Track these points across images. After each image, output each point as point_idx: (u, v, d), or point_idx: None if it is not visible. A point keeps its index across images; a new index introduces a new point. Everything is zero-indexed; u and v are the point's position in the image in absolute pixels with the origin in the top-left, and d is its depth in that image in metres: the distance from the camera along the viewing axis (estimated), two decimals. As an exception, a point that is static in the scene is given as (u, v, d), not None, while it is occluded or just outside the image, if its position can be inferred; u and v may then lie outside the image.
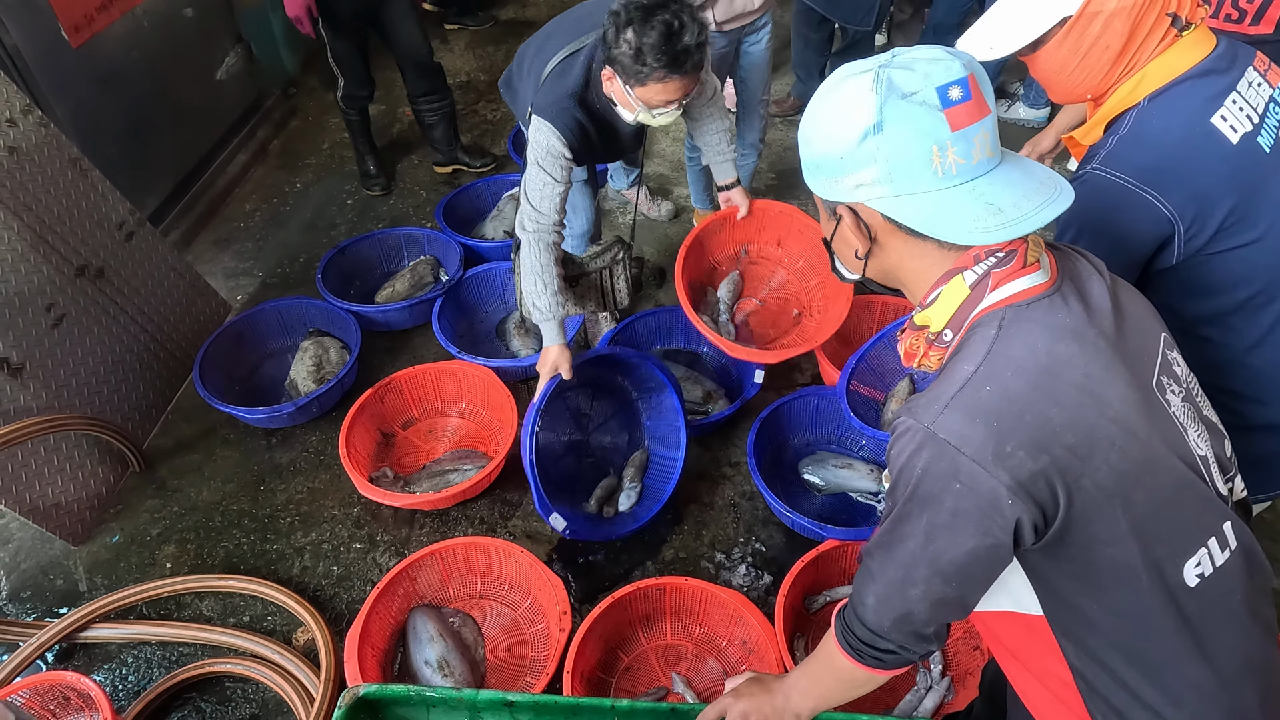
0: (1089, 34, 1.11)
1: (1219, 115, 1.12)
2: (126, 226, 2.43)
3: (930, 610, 0.90)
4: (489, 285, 2.82)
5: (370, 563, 2.12)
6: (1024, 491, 0.80)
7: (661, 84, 1.68)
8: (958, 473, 0.81)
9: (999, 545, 0.83)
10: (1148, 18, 1.10)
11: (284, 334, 2.69)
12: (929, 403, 0.85)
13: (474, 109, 3.91)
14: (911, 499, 0.85)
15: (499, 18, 4.65)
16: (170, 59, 3.02)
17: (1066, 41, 1.13)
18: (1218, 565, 0.88)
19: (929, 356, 0.92)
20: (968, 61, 0.83)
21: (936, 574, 0.86)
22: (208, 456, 2.39)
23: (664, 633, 1.96)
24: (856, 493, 2.24)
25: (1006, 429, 0.81)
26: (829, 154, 0.86)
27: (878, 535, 0.92)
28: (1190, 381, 0.97)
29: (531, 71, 2.01)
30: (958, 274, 0.87)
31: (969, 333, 0.88)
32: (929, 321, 0.91)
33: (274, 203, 3.34)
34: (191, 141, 3.22)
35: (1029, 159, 0.89)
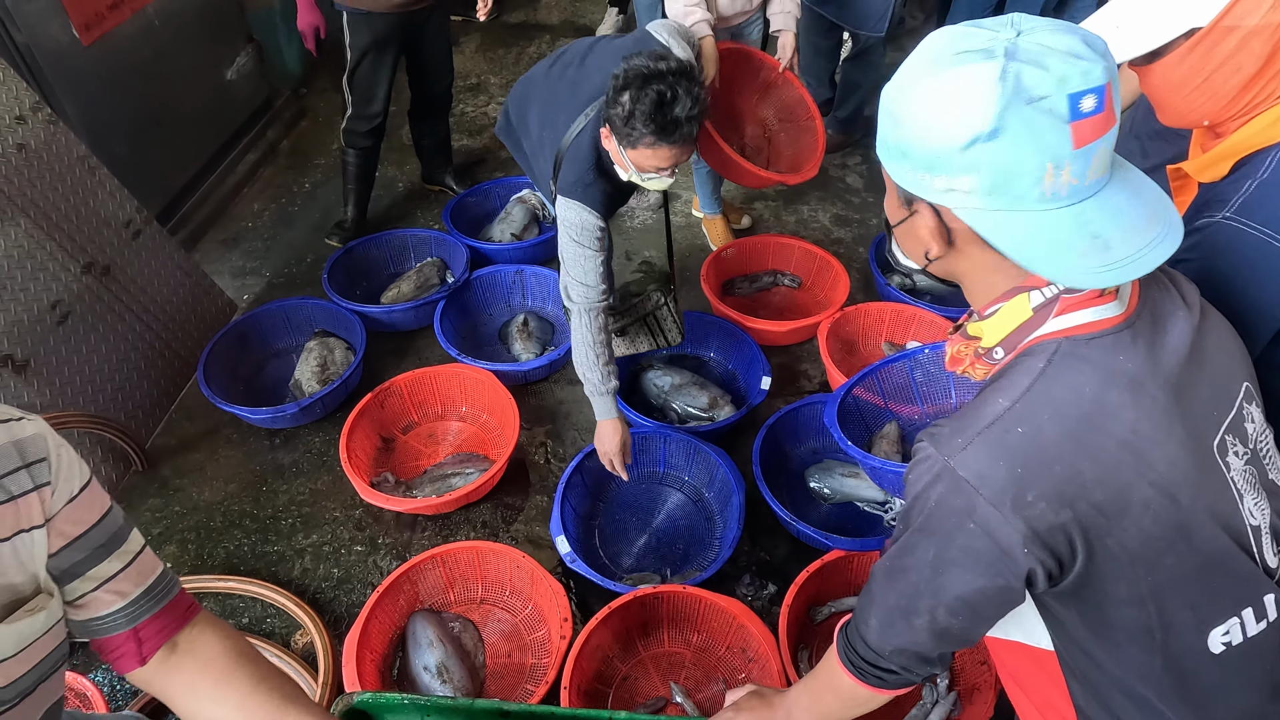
0: (1219, 51, 0.93)
1: None
2: (134, 225, 2.43)
3: (934, 640, 0.87)
4: (494, 288, 2.81)
5: (371, 566, 2.11)
6: (1040, 542, 0.75)
7: (651, 150, 1.69)
8: (973, 513, 0.76)
9: (1009, 588, 0.79)
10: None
11: (289, 334, 2.68)
12: (954, 433, 0.79)
13: (484, 111, 3.90)
14: (922, 530, 0.82)
15: (508, 20, 4.65)
16: (181, 58, 3.02)
17: (1191, 57, 0.95)
18: (1249, 635, 0.83)
19: (975, 368, 0.87)
20: (1108, 65, 0.70)
21: (941, 606, 0.83)
22: (210, 456, 2.38)
23: (661, 641, 1.94)
24: (863, 502, 2.21)
25: (1031, 476, 0.75)
26: (924, 147, 0.75)
27: (886, 558, 0.89)
28: (1262, 440, 0.89)
29: (545, 144, 1.99)
30: (1024, 292, 0.80)
31: (1017, 359, 0.81)
32: (982, 334, 0.84)
33: (282, 203, 3.35)
34: (200, 141, 3.22)
35: (1137, 170, 0.78)
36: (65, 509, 0.86)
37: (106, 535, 0.90)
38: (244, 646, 1.00)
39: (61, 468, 0.86)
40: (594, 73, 1.90)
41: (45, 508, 0.84)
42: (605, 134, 1.76)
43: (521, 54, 4.33)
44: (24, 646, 0.80)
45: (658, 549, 2.16)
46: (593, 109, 1.85)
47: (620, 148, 1.72)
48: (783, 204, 3.30)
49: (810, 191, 3.36)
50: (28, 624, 0.80)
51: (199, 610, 1.01)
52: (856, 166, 3.50)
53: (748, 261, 2.92)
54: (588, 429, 2.45)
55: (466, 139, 3.73)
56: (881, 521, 2.18)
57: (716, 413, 2.39)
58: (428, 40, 2.80)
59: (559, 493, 2.08)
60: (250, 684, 0.95)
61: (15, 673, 0.80)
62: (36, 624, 0.81)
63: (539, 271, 2.79)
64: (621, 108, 1.65)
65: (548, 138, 1.96)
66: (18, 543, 0.81)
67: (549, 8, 4.79)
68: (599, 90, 1.82)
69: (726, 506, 2.15)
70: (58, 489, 0.85)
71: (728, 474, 2.12)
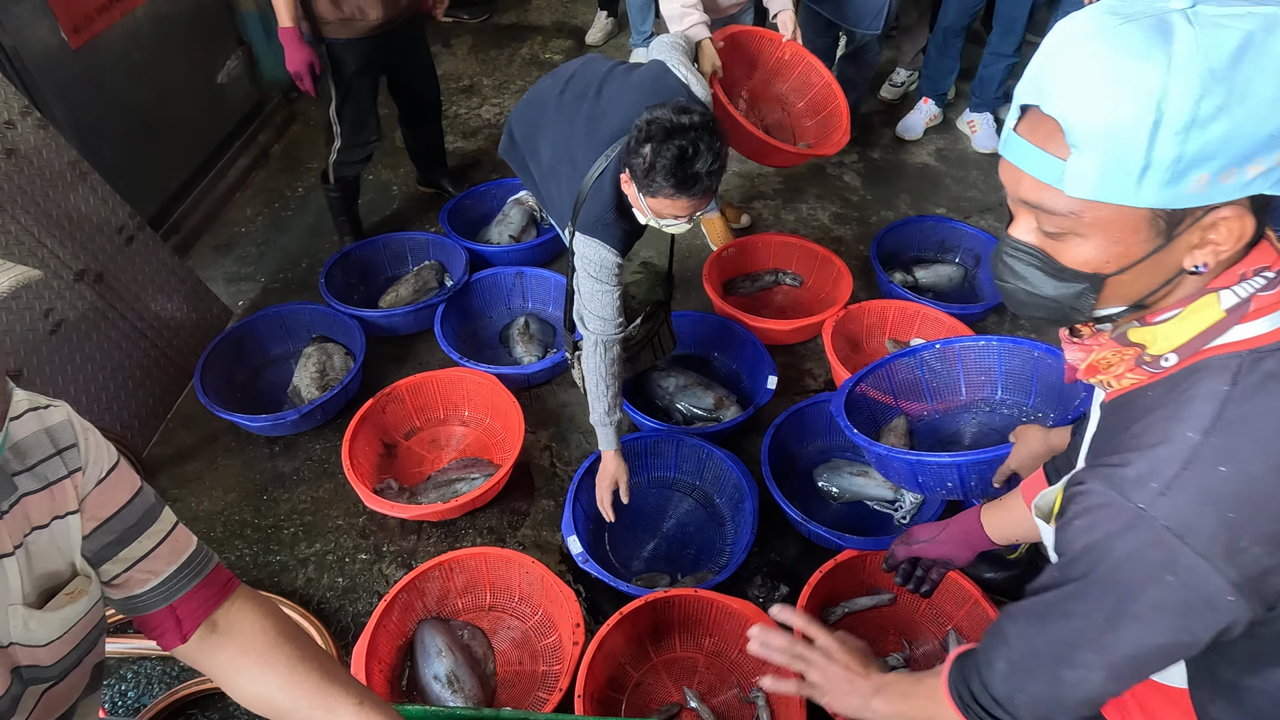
0: None
1: None
2: (126, 231, 2.39)
3: (1080, 698, 0.78)
4: (494, 290, 2.78)
5: (376, 574, 2.07)
6: (1251, 589, 0.68)
7: (670, 200, 1.68)
8: (1174, 566, 0.68)
9: (1194, 643, 0.72)
10: None
11: (286, 340, 2.64)
12: (1141, 477, 0.70)
13: (477, 113, 3.87)
14: (1099, 581, 0.73)
15: (500, 22, 4.62)
16: (171, 61, 2.98)
17: None
18: None
19: (1123, 377, 0.78)
20: None
21: (1104, 664, 0.75)
22: (209, 465, 2.34)
23: (674, 645, 1.91)
24: (873, 501, 2.20)
25: (1244, 521, 0.67)
26: (1258, 129, 0.63)
27: (1030, 603, 0.81)
28: None
29: (562, 178, 1.98)
30: (1214, 292, 0.72)
31: (1190, 373, 0.73)
32: (1149, 341, 0.76)
33: (275, 207, 3.30)
34: (192, 145, 3.18)
35: None
36: (95, 491, 0.88)
37: (137, 515, 0.91)
38: (284, 624, 1.01)
39: (90, 450, 0.88)
40: (612, 111, 1.90)
41: (78, 492, 0.86)
42: (625, 179, 1.76)
43: (514, 55, 4.30)
44: (68, 629, 0.83)
45: (668, 553, 2.13)
46: (614, 150, 1.84)
47: (640, 194, 1.72)
48: (782, 203, 3.28)
49: (808, 189, 3.35)
50: (72, 609, 0.84)
51: (237, 584, 1.01)
52: (854, 165, 3.49)
53: (749, 261, 2.90)
54: (592, 433, 2.41)
55: (461, 141, 3.69)
56: (891, 520, 2.16)
57: (722, 413, 2.36)
58: (409, 55, 2.70)
59: (570, 493, 2.05)
60: (291, 663, 0.97)
61: (61, 652, 0.84)
62: (80, 608, 0.85)
63: (539, 273, 2.76)
64: (643, 159, 1.65)
65: (564, 172, 1.96)
66: (55, 529, 0.83)
67: (540, 9, 4.76)
68: (618, 131, 1.83)
69: (738, 511, 2.13)
70: (88, 472, 0.87)
71: (740, 479, 2.10)
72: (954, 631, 1.89)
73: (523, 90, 4.00)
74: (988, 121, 3.53)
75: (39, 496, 0.82)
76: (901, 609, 1.98)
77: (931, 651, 1.90)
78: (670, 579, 2.04)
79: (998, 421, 2.14)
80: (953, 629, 1.90)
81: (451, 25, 4.49)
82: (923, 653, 1.91)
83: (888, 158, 3.53)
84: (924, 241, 2.98)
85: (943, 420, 2.30)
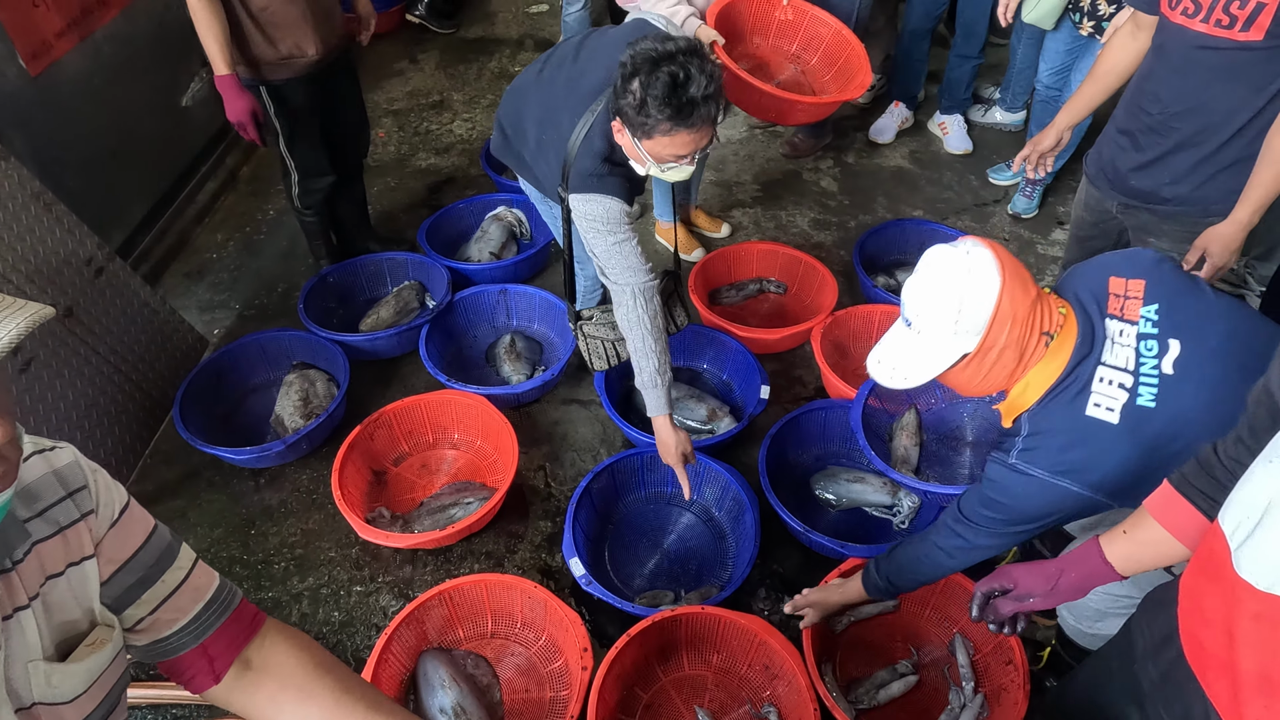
0: (986, 362, 1.26)
1: (1091, 404, 1.24)
2: (95, 262, 2.31)
3: None
4: (478, 309, 2.74)
5: (373, 606, 2.02)
6: None
7: (668, 137, 1.61)
8: None
9: None
10: (1030, 341, 1.25)
11: (267, 368, 2.57)
12: None
13: (449, 129, 3.83)
14: None
15: (466, 36, 4.58)
16: (133, 86, 2.90)
17: (968, 370, 1.28)
18: None
19: None
20: None
21: None
22: (192, 501, 2.26)
23: (681, 664, 1.89)
24: (871, 507, 2.20)
25: None
26: None
27: None
28: None
29: (548, 147, 1.89)
30: None
31: None
32: None
33: (246, 231, 3.23)
34: (158, 171, 3.10)
35: None
36: (110, 534, 0.84)
37: (155, 555, 0.88)
38: (322, 655, 0.97)
39: (100, 492, 0.84)
40: (591, 66, 1.82)
41: (93, 535, 0.82)
42: (617, 127, 1.68)
43: (482, 69, 4.27)
44: (93, 681, 0.79)
45: (669, 570, 2.11)
46: (599, 103, 1.76)
47: (635, 140, 1.64)
48: (761, 210, 3.29)
49: (786, 196, 3.36)
50: (96, 659, 0.79)
51: (265, 618, 0.98)
52: (830, 170, 3.51)
53: (733, 270, 2.90)
54: (585, 449, 2.40)
55: (434, 158, 3.65)
56: (890, 525, 2.16)
57: (716, 425, 2.35)
58: (342, 94, 2.55)
59: (570, 513, 2.02)
60: (335, 695, 0.93)
61: (87, 708, 0.79)
62: (104, 658, 0.81)
63: (523, 290, 2.72)
64: (632, 95, 1.57)
65: (550, 139, 1.87)
66: (71, 576, 0.79)
67: (506, 22, 4.73)
68: (601, 84, 1.75)
69: (738, 524, 2.11)
70: (100, 514, 0.83)
71: (740, 491, 2.09)
72: (960, 635, 1.89)
73: (494, 104, 3.98)
74: (958, 123, 3.58)
75: (52, 542, 0.78)
76: (907, 615, 1.98)
77: (939, 657, 1.91)
78: (674, 596, 2.02)
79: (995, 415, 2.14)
80: (959, 633, 1.90)
81: (417, 43, 4.44)
82: (931, 659, 1.91)
83: (862, 161, 3.56)
84: (904, 244, 3.00)
85: (949, 410, 2.32)
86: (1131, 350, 1.26)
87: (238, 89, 2.24)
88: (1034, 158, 2.16)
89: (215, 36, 2.15)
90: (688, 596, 2.00)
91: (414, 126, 3.84)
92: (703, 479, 2.21)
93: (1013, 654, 1.77)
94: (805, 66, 2.69)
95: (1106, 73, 1.95)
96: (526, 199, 3.09)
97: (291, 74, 2.33)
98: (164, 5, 3.01)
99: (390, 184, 3.48)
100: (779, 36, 2.68)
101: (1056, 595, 1.22)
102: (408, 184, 3.48)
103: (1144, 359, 1.25)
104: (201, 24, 2.13)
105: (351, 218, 2.92)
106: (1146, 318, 1.28)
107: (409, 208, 3.36)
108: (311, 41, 2.30)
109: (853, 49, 2.58)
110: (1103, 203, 1.99)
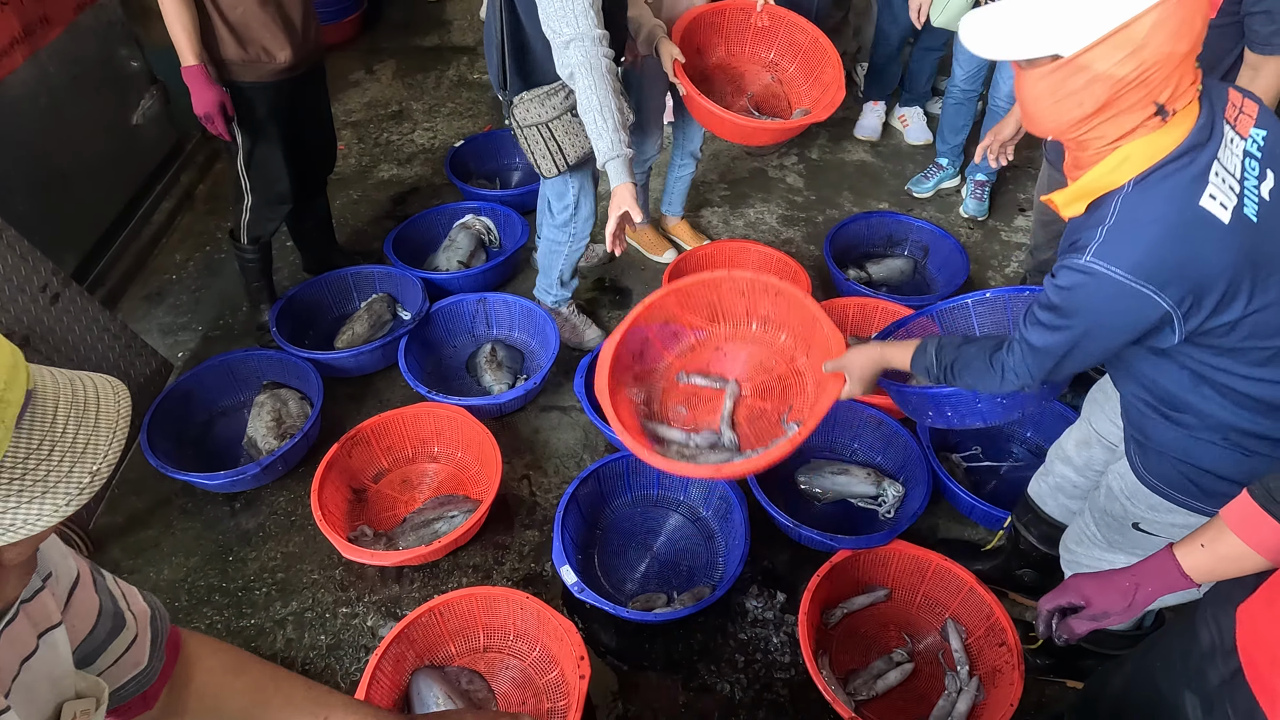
0: (1070, 83, 1.06)
1: (1207, 195, 1.07)
2: (51, 288, 2.22)
3: None
4: (456, 319, 2.70)
5: (360, 627, 1.98)
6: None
7: None
8: None
9: None
10: (1129, 97, 1.05)
11: (236, 390, 2.51)
12: None
13: (410, 139, 3.78)
14: None
15: (423, 44, 4.53)
16: (81, 105, 2.80)
17: (1049, 78, 1.07)
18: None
19: None
20: None
21: None
22: (165, 530, 2.19)
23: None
24: (856, 498, 2.21)
25: None
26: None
27: None
28: None
29: None
30: None
31: None
32: None
33: (206, 250, 3.14)
34: (111, 191, 3.00)
35: None
36: (71, 599, 0.81)
37: (111, 616, 0.86)
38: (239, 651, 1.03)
39: (53, 555, 0.81)
40: None
41: (58, 601, 0.79)
42: None
43: (441, 77, 4.22)
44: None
45: (660, 573, 2.10)
46: None
47: None
48: (729, 209, 3.30)
49: (753, 194, 3.38)
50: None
51: (180, 631, 0.98)
52: (795, 166, 3.54)
53: (705, 268, 2.89)
54: (569, 456, 2.38)
55: (396, 168, 3.60)
56: (875, 516, 2.17)
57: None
58: (311, 107, 2.48)
59: (557, 522, 1.99)
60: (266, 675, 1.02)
61: None
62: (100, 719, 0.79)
63: (503, 298, 2.69)
64: None
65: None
66: (43, 646, 0.75)
67: (461, 30, 4.69)
68: None
69: (727, 522, 2.11)
70: (60, 579, 0.80)
71: (727, 489, 2.08)
72: (951, 620, 1.91)
73: (455, 112, 3.94)
74: (918, 115, 3.63)
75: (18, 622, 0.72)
76: (899, 604, 2.00)
77: (933, 644, 1.92)
78: (667, 599, 2.01)
79: None
80: (950, 618, 1.92)
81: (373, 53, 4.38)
82: (925, 645, 1.92)
83: (826, 157, 3.59)
84: (872, 237, 3.03)
85: None
86: (1239, 161, 1.12)
87: (206, 80, 2.14)
88: (995, 147, 2.19)
89: (183, 25, 2.08)
90: (680, 598, 1.99)
91: (374, 138, 3.78)
92: (688, 480, 2.20)
93: (1005, 635, 1.79)
94: (782, 75, 2.66)
95: None
96: (495, 206, 3.09)
97: (258, 77, 2.25)
98: (108, 22, 2.93)
99: (353, 196, 3.42)
100: (755, 43, 2.64)
101: (1133, 610, 1.13)
102: (371, 196, 3.43)
103: (1248, 175, 1.12)
104: (170, 14, 2.06)
105: (316, 234, 2.86)
106: (1254, 139, 1.15)
107: (374, 220, 3.30)
108: (282, 47, 2.23)
109: (829, 59, 2.50)
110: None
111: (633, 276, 2.99)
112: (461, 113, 3.94)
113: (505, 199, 3.15)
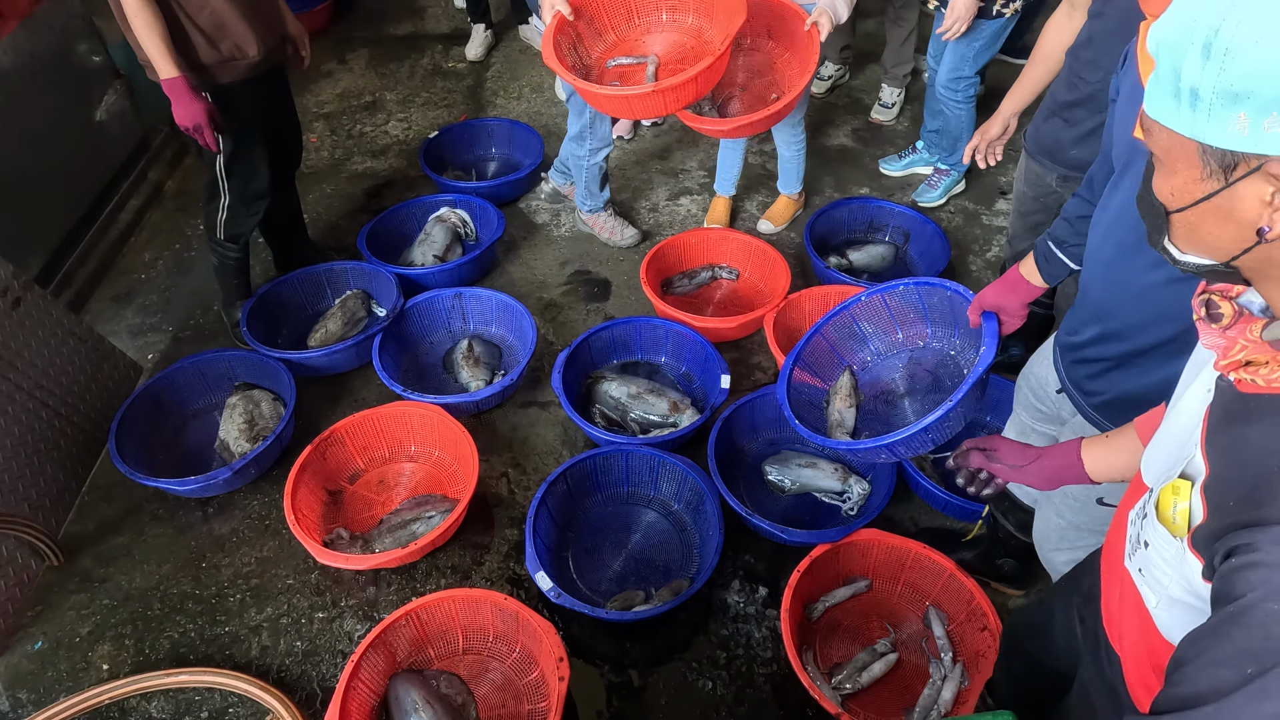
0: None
1: None
2: (11, 292, 2.17)
3: None
4: (432, 315, 2.65)
5: (337, 632, 1.95)
6: None
7: None
8: None
9: None
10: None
11: (207, 391, 2.46)
12: None
13: (384, 130, 3.71)
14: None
15: (396, 33, 4.45)
16: (42, 102, 2.73)
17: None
18: None
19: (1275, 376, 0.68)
20: None
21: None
22: (136, 537, 2.15)
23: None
24: (821, 492, 2.19)
25: None
26: None
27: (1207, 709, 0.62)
28: None
29: None
30: None
31: None
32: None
33: (176, 249, 3.08)
34: (75, 190, 2.93)
35: None
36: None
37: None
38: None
39: None
40: None
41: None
42: None
43: (415, 67, 4.14)
44: None
45: (637, 570, 2.08)
46: None
47: None
48: (709, 196, 3.26)
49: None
50: None
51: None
52: (774, 152, 3.48)
53: (684, 257, 2.86)
54: (548, 452, 2.35)
55: (370, 160, 3.53)
56: (839, 511, 2.14)
57: (678, 418, 2.32)
58: (279, 105, 2.43)
59: (529, 529, 1.96)
60: None
61: None
62: None
63: (479, 293, 2.65)
64: None
65: None
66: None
67: (435, 18, 4.60)
68: None
69: (699, 514, 2.09)
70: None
71: (698, 481, 2.06)
72: (933, 607, 1.90)
73: (429, 102, 3.87)
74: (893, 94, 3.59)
75: None
76: (879, 593, 1.99)
77: (916, 632, 1.91)
78: (645, 595, 1.99)
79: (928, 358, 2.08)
80: (931, 604, 1.91)
81: (345, 41, 4.29)
82: (908, 634, 1.92)
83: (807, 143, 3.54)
84: (853, 223, 3.01)
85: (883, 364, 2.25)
86: None
87: (190, 92, 2.07)
88: (983, 146, 2.18)
89: (158, 37, 2.01)
90: (659, 593, 1.97)
91: (347, 129, 3.71)
92: (658, 473, 2.17)
93: (986, 620, 1.78)
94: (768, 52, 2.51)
95: (1048, 55, 1.97)
96: (470, 199, 3.04)
97: (235, 76, 2.19)
98: (65, 15, 2.85)
99: (326, 190, 3.36)
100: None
101: (1025, 474, 1.22)
102: (344, 190, 3.37)
103: None
104: (140, 27, 1.99)
105: (286, 230, 2.80)
106: None
107: (347, 214, 3.24)
108: (252, 41, 2.17)
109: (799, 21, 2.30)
110: (1044, 177, 2.01)
111: (610, 268, 2.96)
112: (436, 103, 3.87)
113: (481, 191, 3.10)
